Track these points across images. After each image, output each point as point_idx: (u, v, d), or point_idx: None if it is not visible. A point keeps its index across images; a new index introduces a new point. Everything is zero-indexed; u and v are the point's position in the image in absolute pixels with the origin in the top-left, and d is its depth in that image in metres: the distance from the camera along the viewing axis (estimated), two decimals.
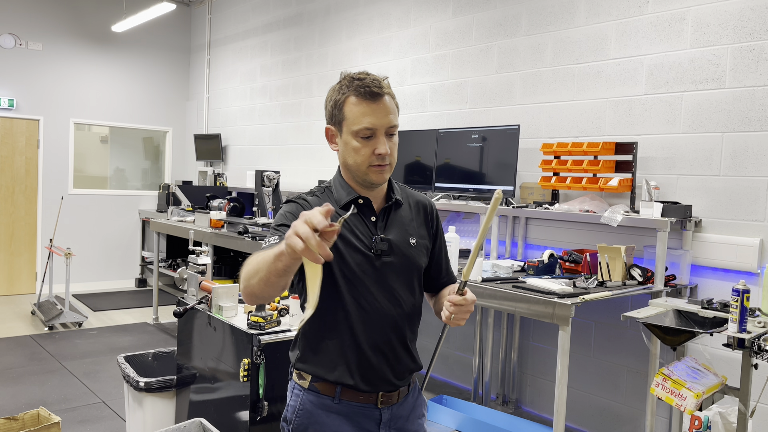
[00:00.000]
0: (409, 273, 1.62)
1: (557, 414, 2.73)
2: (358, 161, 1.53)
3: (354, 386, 1.55)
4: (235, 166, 7.46)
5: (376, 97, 1.51)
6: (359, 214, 1.59)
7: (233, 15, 7.49)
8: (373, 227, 1.59)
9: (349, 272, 1.53)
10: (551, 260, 3.43)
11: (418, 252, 1.65)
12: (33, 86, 7.23)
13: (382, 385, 1.58)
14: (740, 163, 3.11)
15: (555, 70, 3.96)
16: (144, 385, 3.03)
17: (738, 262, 3.08)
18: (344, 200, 1.58)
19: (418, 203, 1.71)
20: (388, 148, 1.52)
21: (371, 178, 1.54)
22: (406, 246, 1.62)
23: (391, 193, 1.64)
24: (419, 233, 1.67)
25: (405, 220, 1.65)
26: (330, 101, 1.57)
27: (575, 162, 3.61)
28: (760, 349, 2.26)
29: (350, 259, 1.53)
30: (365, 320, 1.54)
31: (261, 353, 2.47)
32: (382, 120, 1.51)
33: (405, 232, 1.63)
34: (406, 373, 1.63)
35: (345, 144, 1.54)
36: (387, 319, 1.57)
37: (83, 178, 7.76)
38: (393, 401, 1.61)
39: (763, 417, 3.00)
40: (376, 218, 1.60)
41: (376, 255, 1.57)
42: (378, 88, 1.51)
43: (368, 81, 1.52)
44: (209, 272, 3.05)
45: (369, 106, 1.50)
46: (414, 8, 5.02)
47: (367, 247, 1.56)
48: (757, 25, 3.05)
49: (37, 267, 7.34)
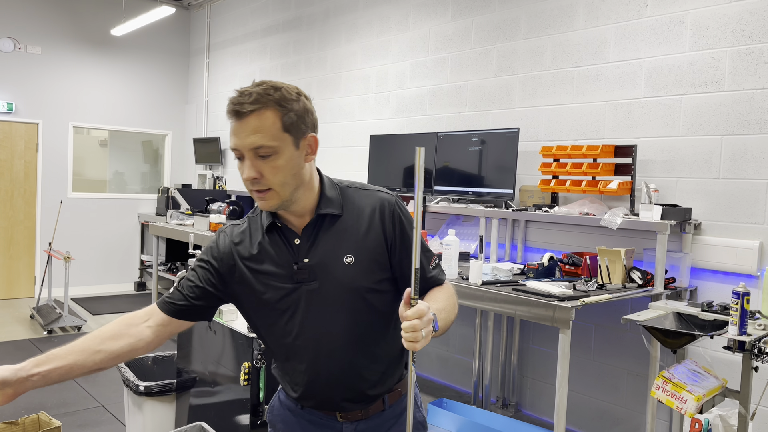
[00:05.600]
0: (344, 296, 1.43)
1: (557, 417, 2.73)
2: (245, 183, 1.39)
3: (309, 405, 1.54)
4: (235, 169, 7.46)
5: (238, 117, 1.33)
6: (281, 239, 1.45)
7: (232, 18, 7.50)
8: (295, 252, 1.44)
9: (274, 307, 1.45)
10: (551, 263, 3.43)
11: (359, 270, 1.44)
12: (32, 90, 7.23)
13: (338, 407, 1.52)
14: (739, 165, 3.12)
15: (554, 74, 3.97)
16: (144, 389, 3.02)
17: (738, 265, 3.09)
18: (265, 224, 1.47)
19: (365, 208, 1.47)
20: (255, 173, 1.34)
21: (259, 204, 1.41)
22: (337, 266, 1.43)
23: (321, 206, 1.45)
24: (364, 246, 1.44)
25: (341, 235, 1.45)
26: None
27: (575, 165, 3.62)
28: (760, 351, 2.26)
29: (267, 296, 1.44)
30: (301, 353, 1.47)
31: (261, 357, 2.47)
32: (243, 141, 1.32)
33: (338, 251, 1.44)
34: (364, 398, 1.52)
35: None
36: (326, 349, 1.45)
37: (82, 181, 7.75)
38: (356, 417, 1.53)
39: (763, 420, 3.00)
40: (300, 240, 1.45)
41: (298, 284, 1.43)
42: (239, 105, 1.32)
43: (234, 98, 1.34)
44: None
45: (235, 125, 1.34)
46: (413, 12, 5.03)
47: (288, 277, 1.43)
48: (756, 28, 3.06)
49: (36, 270, 7.33)
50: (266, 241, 1.46)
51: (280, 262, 1.44)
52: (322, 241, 1.44)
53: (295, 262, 1.43)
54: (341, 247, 1.44)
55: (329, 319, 1.44)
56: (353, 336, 1.47)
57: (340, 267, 1.43)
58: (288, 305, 1.44)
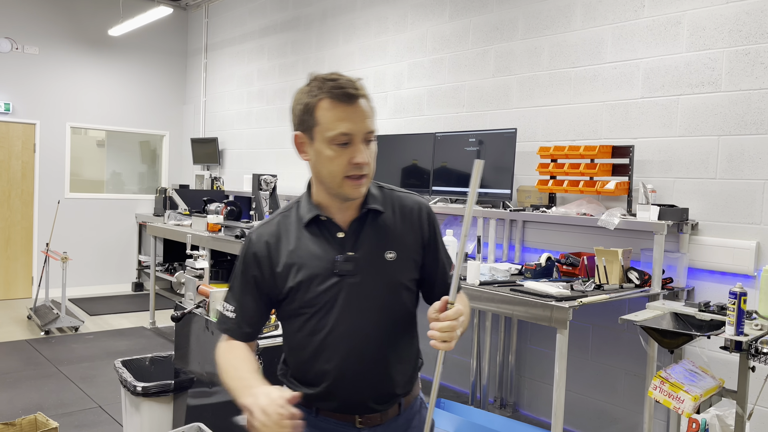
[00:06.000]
0: (383, 292, 1.46)
1: (555, 417, 2.73)
2: (333, 171, 1.37)
3: (328, 408, 1.49)
4: (232, 169, 7.46)
5: (353, 100, 1.35)
6: (322, 233, 1.45)
7: (230, 19, 7.50)
8: (339, 245, 1.44)
9: (311, 303, 1.43)
10: (548, 263, 3.44)
11: (400, 266, 1.48)
12: (29, 90, 7.22)
13: (359, 408, 1.49)
14: (736, 166, 3.13)
15: (552, 74, 3.98)
16: (141, 389, 3.02)
17: (735, 265, 3.09)
18: (306, 218, 1.46)
19: (404, 208, 1.52)
20: (367, 157, 1.38)
21: (346, 191, 1.39)
22: (380, 262, 1.46)
23: (367, 201, 1.47)
24: (404, 244, 1.49)
25: (384, 232, 1.48)
26: (299, 105, 1.40)
27: (572, 165, 3.62)
28: (757, 351, 2.26)
29: (311, 288, 1.43)
30: (336, 349, 1.44)
31: (259, 357, 2.46)
32: (359, 125, 1.35)
33: (381, 246, 1.46)
34: (390, 398, 1.51)
35: (318, 153, 1.39)
36: (358, 347, 1.45)
37: (80, 182, 7.74)
38: (375, 422, 1.50)
39: (760, 419, 3.01)
40: (344, 234, 1.45)
41: (340, 277, 1.42)
42: (354, 89, 1.35)
43: (343, 82, 1.36)
44: (207, 276, 3.04)
45: (345, 110, 1.34)
46: (411, 12, 5.03)
47: (330, 270, 1.42)
48: (753, 29, 3.07)
49: (33, 271, 7.32)
50: (305, 236, 1.45)
51: (322, 256, 1.43)
52: (367, 236, 1.46)
53: (338, 255, 1.43)
54: (384, 243, 1.47)
55: (365, 316, 1.45)
56: (385, 333, 1.48)
57: (382, 262, 1.46)
58: (326, 299, 1.43)
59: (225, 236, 5.17)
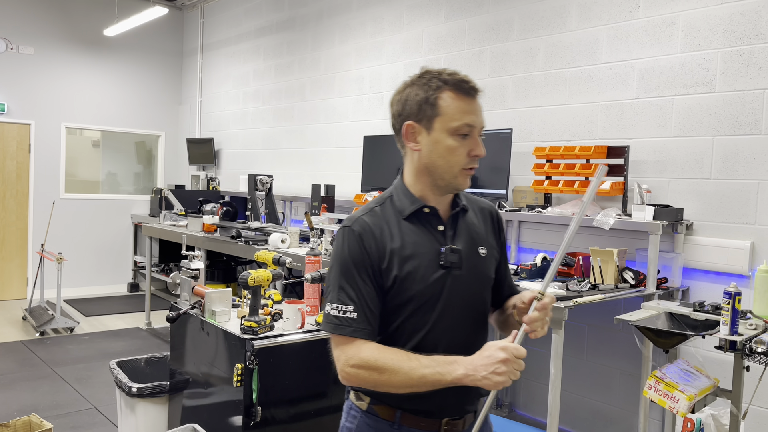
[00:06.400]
0: (480, 287, 1.48)
1: (551, 417, 2.73)
2: (452, 162, 1.39)
3: (416, 411, 1.41)
4: (228, 170, 7.45)
5: (474, 94, 1.40)
6: (423, 226, 1.44)
7: (226, 19, 7.49)
8: (441, 238, 1.44)
9: (417, 293, 1.39)
10: (544, 263, 3.44)
11: (488, 263, 1.50)
12: (24, 90, 7.20)
13: (449, 410, 1.43)
14: (731, 166, 3.14)
15: (547, 74, 3.98)
16: (136, 390, 3.01)
17: (729, 265, 3.10)
18: (408, 210, 1.43)
19: (483, 210, 1.57)
20: (484, 150, 1.43)
21: (459, 182, 1.42)
22: (475, 257, 1.47)
23: (457, 199, 1.50)
24: (488, 242, 1.52)
25: (473, 228, 1.50)
26: (415, 96, 1.40)
27: (567, 165, 3.63)
28: (751, 351, 2.27)
29: (417, 279, 1.39)
30: (435, 342, 1.40)
31: (254, 358, 2.46)
32: (479, 119, 1.41)
33: (474, 242, 1.48)
34: (476, 397, 1.49)
35: (435, 143, 1.39)
36: (457, 340, 1.43)
37: (75, 182, 7.72)
38: (458, 429, 1.45)
39: (755, 419, 3.02)
40: (444, 227, 1.45)
41: (446, 269, 1.41)
42: (473, 83, 1.40)
43: (463, 76, 1.40)
44: (202, 277, 3.03)
45: (468, 104, 1.39)
46: (407, 13, 5.03)
47: (435, 262, 1.41)
48: (747, 30, 3.08)
49: (28, 272, 7.29)
50: (406, 227, 1.43)
51: (428, 247, 1.42)
52: (463, 231, 1.48)
53: (443, 247, 1.42)
54: (476, 239, 1.49)
55: (464, 312, 1.44)
56: (478, 330, 1.48)
57: (477, 257, 1.48)
58: (430, 294, 1.40)
59: (221, 237, 5.17)
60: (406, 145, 1.45)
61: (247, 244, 4.75)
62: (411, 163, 1.45)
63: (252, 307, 2.59)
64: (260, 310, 2.65)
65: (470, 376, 1.27)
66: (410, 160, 1.46)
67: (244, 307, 2.78)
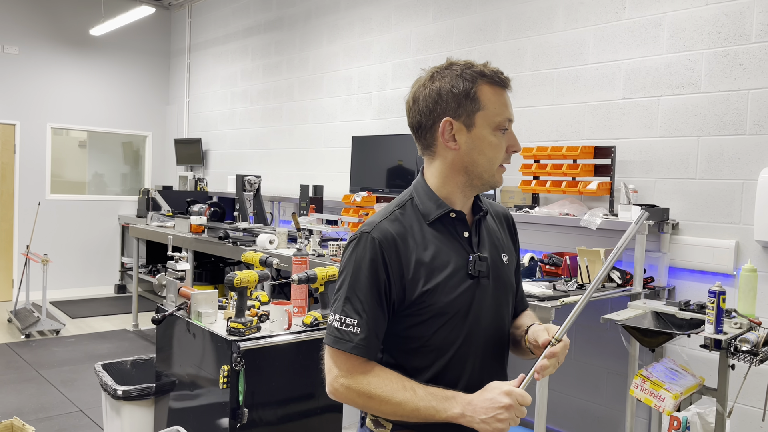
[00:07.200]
0: (506, 298, 1.38)
1: (538, 416, 2.74)
2: (493, 159, 1.30)
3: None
4: (216, 170, 7.41)
5: (508, 86, 1.32)
6: (449, 232, 1.32)
7: (213, 19, 7.45)
8: (467, 245, 1.32)
9: (446, 306, 1.27)
10: (531, 263, 3.45)
11: (510, 271, 1.41)
12: (9, 90, 7.12)
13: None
14: (716, 166, 3.16)
15: (534, 75, 3.99)
16: (122, 393, 2.98)
17: (714, 264, 3.12)
18: (433, 215, 1.31)
19: (498, 214, 1.47)
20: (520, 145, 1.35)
21: (497, 179, 1.33)
22: (500, 265, 1.37)
23: (478, 202, 1.38)
24: (508, 248, 1.43)
25: (495, 235, 1.40)
26: (451, 89, 1.28)
27: (555, 166, 3.64)
28: (736, 350, 2.29)
29: (446, 290, 1.27)
30: (460, 366, 1.30)
31: (241, 360, 2.45)
32: (513, 112, 1.33)
33: (497, 249, 1.38)
34: None
35: (478, 139, 1.28)
36: (485, 355, 1.33)
37: (61, 183, 7.65)
38: None
39: (740, 417, 3.04)
40: (469, 233, 1.34)
41: (474, 279, 1.30)
42: (508, 77, 1.33)
43: (496, 68, 1.31)
44: (189, 278, 3.01)
45: (505, 96, 1.31)
46: (395, 13, 5.03)
47: (464, 272, 1.29)
48: (732, 31, 3.10)
49: (13, 274, 7.22)
50: (430, 233, 1.30)
51: (455, 255, 1.30)
52: (486, 237, 1.38)
53: (470, 255, 1.31)
54: (498, 245, 1.40)
55: (493, 323, 1.34)
56: (504, 342, 1.39)
57: (501, 264, 1.38)
58: (460, 305, 1.28)
59: (208, 237, 5.14)
60: (439, 144, 1.31)
61: (235, 245, 4.73)
62: (442, 162, 1.32)
63: (238, 308, 2.57)
64: (247, 311, 2.63)
65: (467, 417, 1.19)
66: (441, 159, 1.32)
67: (231, 308, 2.77)
